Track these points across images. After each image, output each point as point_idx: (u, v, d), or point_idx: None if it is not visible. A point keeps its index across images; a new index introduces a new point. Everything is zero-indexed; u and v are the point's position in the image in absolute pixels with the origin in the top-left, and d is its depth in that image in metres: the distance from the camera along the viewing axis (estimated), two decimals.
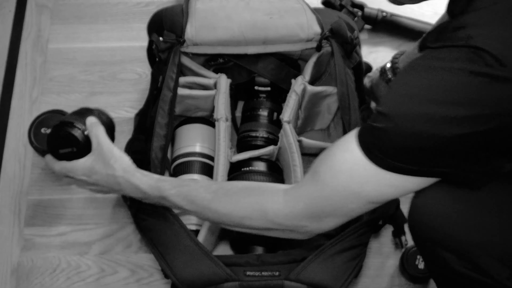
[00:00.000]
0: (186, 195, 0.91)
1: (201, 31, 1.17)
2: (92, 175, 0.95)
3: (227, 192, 0.90)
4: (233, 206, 0.88)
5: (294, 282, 0.99)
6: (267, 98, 1.24)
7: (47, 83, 1.38)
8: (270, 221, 0.85)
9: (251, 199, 0.87)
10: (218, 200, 0.89)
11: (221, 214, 0.89)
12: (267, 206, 0.85)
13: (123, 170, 0.94)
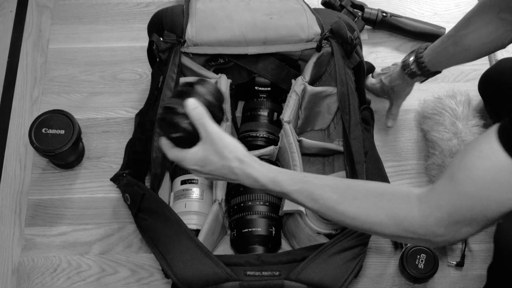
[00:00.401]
0: (310, 193, 0.84)
1: (202, 32, 1.17)
2: (205, 166, 0.86)
3: (356, 194, 0.83)
4: (362, 210, 0.81)
5: (294, 282, 0.99)
6: (267, 98, 1.24)
7: (48, 83, 1.39)
8: (403, 230, 0.79)
9: (384, 205, 0.80)
10: (346, 203, 0.82)
11: (349, 217, 0.82)
12: (401, 214, 0.79)
13: (239, 160, 0.85)
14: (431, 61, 1.14)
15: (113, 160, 1.30)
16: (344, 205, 0.82)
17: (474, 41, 1.06)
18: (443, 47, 1.11)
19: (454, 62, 1.14)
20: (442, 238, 0.78)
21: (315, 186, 0.84)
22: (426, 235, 0.79)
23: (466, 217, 0.75)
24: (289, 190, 0.84)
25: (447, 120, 1.24)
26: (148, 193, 1.07)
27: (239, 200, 1.12)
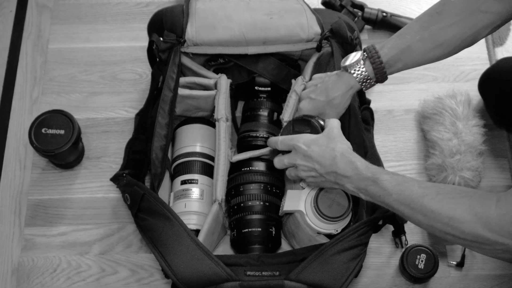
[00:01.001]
0: (399, 183, 0.88)
1: (202, 31, 1.17)
2: (311, 145, 0.96)
3: (440, 190, 0.85)
4: (443, 204, 0.83)
5: (294, 282, 0.99)
6: (267, 98, 1.24)
7: (48, 83, 1.39)
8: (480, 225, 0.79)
9: (465, 201, 0.82)
10: (429, 197, 0.84)
11: (429, 211, 0.84)
12: (480, 209, 0.79)
13: (343, 149, 0.95)
14: (391, 61, 1.01)
15: (113, 160, 1.30)
16: (426, 198, 0.84)
17: (451, 36, 0.98)
18: (407, 44, 0.99)
19: (422, 61, 1.03)
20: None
21: (405, 179, 0.89)
22: (502, 235, 0.77)
23: None
24: (381, 177, 0.89)
25: (447, 120, 1.24)
26: (148, 193, 1.07)
27: (239, 200, 1.12)
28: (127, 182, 1.11)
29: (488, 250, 0.82)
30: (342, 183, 0.95)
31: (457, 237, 0.83)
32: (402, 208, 0.88)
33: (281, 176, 1.19)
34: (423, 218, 0.85)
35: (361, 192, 0.94)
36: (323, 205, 1.05)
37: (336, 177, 0.95)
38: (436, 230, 0.86)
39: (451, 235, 0.84)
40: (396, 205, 0.89)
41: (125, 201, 1.11)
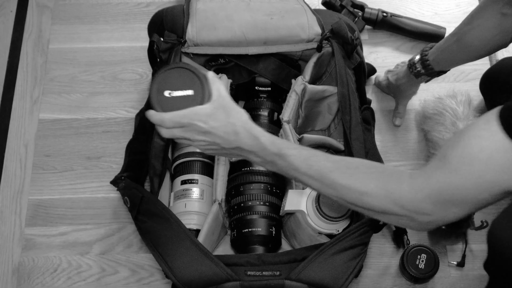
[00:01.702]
0: (306, 158, 0.86)
1: (202, 32, 1.17)
2: (209, 121, 0.87)
3: (349, 164, 0.86)
4: (354, 179, 0.83)
5: (295, 282, 0.99)
6: (267, 98, 1.24)
7: (48, 83, 1.39)
8: (392, 202, 0.80)
9: (375, 176, 0.82)
10: (339, 171, 0.84)
11: (340, 185, 0.83)
12: (391, 186, 0.80)
13: (243, 121, 0.88)
14: (436, 59, 1.15)
15: (113, 160, 1.30)
16: (336, 173, 0.83)
17: (476, 38, 1.05)
18: (447, 45, 1.12)
19: (457, 61, 1.15)
20: (429, 217, 0.79)
21: (311, 152, 0.88)
22: (414, 212, 0.79)
23: (455, 196, 0.76)
24: (287, 152, 0.86)
25: (448, 120, 1.24)
26: (147, 196, 1.06)
27: (239, 200, 1.12)
28: (126, 185, 1.11)
29: (393, 221, 0.86)
30: (247, 156, 0.91)
31: (366, 209, 0.84)
32: (311, 182, 0.87)
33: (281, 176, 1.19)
34: (333, 191, 0.85)
35: (268, 166, 0.91)
36: (325, 205, 1.05)
37: (241, 151, 0.90)
38: (345, 202, 0.86)
39: (360, 208, 0.85)
40: (305, 179, 0.87)
41: (125, 204, 1.11)
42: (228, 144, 0.88)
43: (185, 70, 0.90)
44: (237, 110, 0.89)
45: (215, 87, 0.89)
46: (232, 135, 0.87)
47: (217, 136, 0.87)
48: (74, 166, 1.30)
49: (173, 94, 0.89)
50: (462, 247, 1.21)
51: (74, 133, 1.33)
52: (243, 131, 0.87)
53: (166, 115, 0.87)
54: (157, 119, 0.88)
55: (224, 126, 0.87)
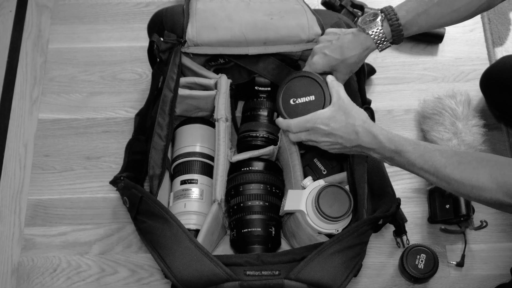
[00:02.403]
0: (422, 154, 0.91)
1: (202, 32, 1.17)
2: (330, 124, 0.97)
3: (462, 159, 0.89)
4: (466, 174, 0.86)
5: (294, 281, 0.99)
6: (267, 98, 1.24)
7: (48, 83, 1.39)
8: (504, 194, 0.82)
9: (487, 170, 0.85)
10: (452, 166, 0.88)
11: (454, 180, 0.88)
12: (503, 178, 0.82)
13: (363, 120, 0.96)
14: (408, 24, 1.01)
15: (113, 160, 1.30)
16: (450, 168, 0.88)
17: (468, 1, 0.99)
18: (424, 8, 1.00)
19: (437, 25, 1.03)
20: None
21: (427, 149, 0.92)
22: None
23: None
24: (404, 149, 0.93)
25: (447, 120, 1.24)
26: (146, 196, 1.06)
27: (239, 200, 1.12)
28: (125, 185, 1.11)
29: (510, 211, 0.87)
30: (369, 153, 0.99)
31: (482, 201, 0.87)
32: (427, 176, 0.92)
33: (281, 176, 1.19)
34: (448, 185, 0.90)
35: (387, 161, 0.98)
36: (325, 205, 1.05)
37: (362, 148, 0.98)
38: (462, 195, 0.91)
39: (477, 200, 0.88)
40: (422, 173, 0.93)
41: (124, 204, 1.11)
42: (349, 143, 0.97)
43: (306, 78, 1.03)
44: (356, 111, 0.97)
45: (334, 90, 1.00)
46: (352, 135, 0.96)
47: (338, 136, 0.97)
48: (73, 166, 1.30)
49: (297, 101, 1.04)
50: (462, 247, 1.21)
51: (73, 133, 1.33)
52: (362, 130, 0.95)
53: (292, 122, 1.01)
54: (284, 126, 1.02)
55: (344, 127, 0.96)
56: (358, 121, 0.96)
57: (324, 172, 1.20)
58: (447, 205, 1.19)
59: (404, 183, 1.28)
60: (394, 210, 1.06)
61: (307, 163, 1.21)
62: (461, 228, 1.21)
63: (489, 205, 0.88)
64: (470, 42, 1.43)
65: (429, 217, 1.23)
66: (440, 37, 1.41)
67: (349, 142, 0.97)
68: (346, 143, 0.98)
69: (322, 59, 1.07)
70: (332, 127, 0.97)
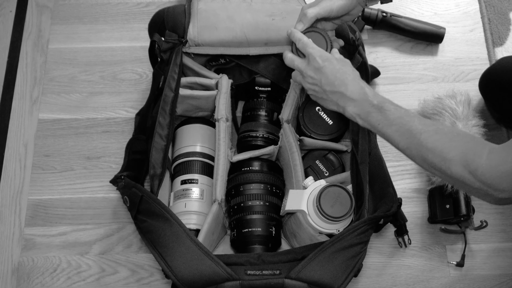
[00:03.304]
0: (402, 115, 0.91)
1: (204, 32, 1.17)
2: (326, 61, 0.98)
3: (438, 130, 0.88)
4: (440, 144, 0.86)
5: (295, 281, 0.99)
6: (267, 98, 1.24)
7: (48, 83, 1.39)
8: (469, 173, 0.82)
9: (460, 144, 0.84)
10: (427, 134, 0.87)
11: (424, 147, 0.87)
12: (471, 157, 0.82)
13: (355, 75, 0.97)
14: None
15: (113, 160, 1.30)
16: (425, 135, 0.87)
17: None
18: None
19: None
20: (503, 194, 0.80)
21: (407, 112, 0.91)
22: (487, 186, 0.80)
23: None
24: (385, 106, 0.92)
25: (447, 120, 1.24)
26: (146, 195, 1.06)
27: (239, 200, 1.12)
28: (126, 184, 1.11)
29: (471, 192, 0.86)
30: (344, 105, 0.96)
31: (445, 175, 0.86)
32: (398, 140, 0.91)
33: (281, 176, 1.19)
34: (418, 152, 0.89)
35: (360, 118, 0.95)
36: (326, 204, 1.05)
37: (340, 98, 0.96)
38: (426, 164, 0.89)
39: (439, 172, 0.87)
40: (393, 136, 0.92)
41: (125, 203, 1.11)
42: (331, 86, 0.96)
43: (317, 34, 1.04)
44: (353, 68, 0.99)
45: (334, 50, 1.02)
46: (339, 79, 0.96)
47: (325, 76, 0.97)
48: (73, 166, 1.30)
49: None
50: (462, 247, 1.21)
51: (73, 133, 1.33)
52: (352, 79, 0.96)
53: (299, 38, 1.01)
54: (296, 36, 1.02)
55: (336, 71, 0.96)
56: (351, 73, 0.97)
57: (326, 174, 1.20)
58: (447, 205, 1.19)
59: (404, 183, 1.28)
60: (395, 209, 1.06)
61: (308, 165, 1.21)
62: (461, 228, 1.21)
63: (453, 181, 0.87)
64: (470, 42, 1.43)
65: (429, 217, 1.23)
66: (440, 37, 1.41)
67: (331, 86, 0.96)
68: (327, 86, 0.97)
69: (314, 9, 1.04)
70: (326, 65, 0.97)
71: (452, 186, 1.18)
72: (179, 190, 1.16)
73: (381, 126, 0.93)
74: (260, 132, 1.21)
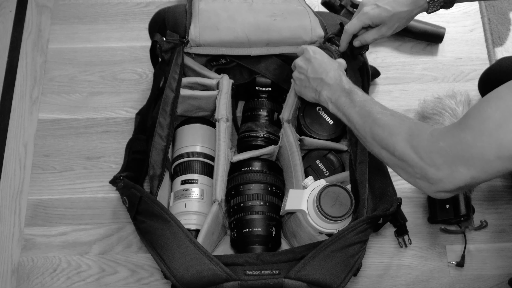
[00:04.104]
0: (365, 100, 0.97)
1: (205, 32, 1.17)
2: (316, 53, 1.09)
3: (395, 114, 0.93)
4: (392, 122, 0.90)
5: (294, 280, 0.99)
6: (267, 98, 1.24)
7: (48, 83, 1.38)
8: (411, 147, 0.85)
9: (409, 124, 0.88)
10: (383, 114, 0.92)
11: (376, 125, 0.91)
12: (416, 132, 0.85)
13: (340, 69, 1.07)
14: None
15: (113, 160, 1.30)
16: (381, 114, 0.93)
17: None
18: None
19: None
20: (438, 173, 0.81)
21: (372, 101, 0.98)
22: (425, 161, 0.82)
23: (464, 153, 0.78)
24: (355, 91, 1.00)
25: (447, 120, 1.24)
26: (145, 196, 1.06)
27: (239, 200, 1.12)
28: (125, 185, 1.10)
29: (410, 174, 0.88)
30: (321, 89, 1.06)
31: (390, 153, 0.89)
32: (357, 120, 0.96)
33: (281, 176, 1.19)
34: (369, 129, 0.93)
35: (331, 102, 1.03)
36: (326, 204, 1.05)
37: (319, 83, 1.06)
38: (375, 142, 0.92)
39: (386, 150, 0.90)
40: (354, 116, 0.97)
41: (124, 204, 1.11)
42: (314, 74, 1.07)
43: None
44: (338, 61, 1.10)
45: None
46: (322, 68, 1.06)
47: (312, 65, 1.08)
48: (73, 166, 1.30)
49: None
50: (462, 247, 1.21)
51: (73, 133, 1.33)
52: (334, 69, 1.05)
53: None
54: None
55: (323, 62, 1.07)
56: (336, 66, 1.07)
57: (326, 174, 1.20)
58: (447, 205, 1.19)
59: (404, 183, 1.27)
60: (395, 209, 1.06)
61: (309, 165, 1.21)
62: (461, 228, 1.21)
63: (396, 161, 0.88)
64: (470, 42, 1.43)
65: (429, 217, 1.23)
66: (440, 37, 1.41)
67: (315, 73, 1.07)
68: (311, 74, 1.07)
69: (373, 10, 1.10)
70: (315, 57, 1.08)
71: None
72: (179, 190, 1.16)
73: (346, 108, 0.99)
74: (260, 132, 1.21)
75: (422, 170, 0.84)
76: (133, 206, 1.07)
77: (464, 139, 0.78)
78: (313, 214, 1.07)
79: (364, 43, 1.15)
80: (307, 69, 1.08)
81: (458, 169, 0.80)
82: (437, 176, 0.82)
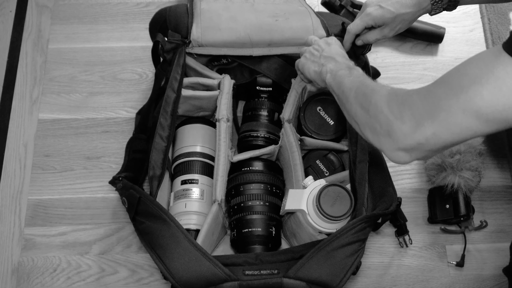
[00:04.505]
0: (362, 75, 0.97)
1: (207, 32, 1.17)
2: (336, 43, 1.11)
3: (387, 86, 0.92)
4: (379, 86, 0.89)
5: (293, 280, 0.99)
6: (268, 98, 1.24)
7: (48, 83, 1.39)
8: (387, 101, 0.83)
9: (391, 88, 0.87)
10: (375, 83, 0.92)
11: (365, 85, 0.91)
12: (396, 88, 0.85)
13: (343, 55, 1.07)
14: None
15: (113, 160, 1.30)
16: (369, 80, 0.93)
17: None
18: None
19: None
20: (403, 127, 0.79)
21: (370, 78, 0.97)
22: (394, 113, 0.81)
23: (433, 105, 0.77)
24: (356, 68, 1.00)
25: None
26: (144, 196, 1.06)
27: (239, 200, 1.12)
28: (124, 185, 1.10)
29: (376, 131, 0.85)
30: (326, 62, 1.05)
31: (365, 110, 0.87)
32: (346, 84, 0.95)
33: (281, 176, 1.19)
34: (355, 89, 0.92)
35: (331, 74, 1.02)
36: (326, 204, 1.05)
37: (329, 60, 1.06)
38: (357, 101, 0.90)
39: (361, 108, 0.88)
40: (345, 82, 0.96)
41: (123, 204, 1.11)
42: (328, 53, 1.07)
43: None
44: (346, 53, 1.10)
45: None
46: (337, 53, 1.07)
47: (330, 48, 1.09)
48: (73, 166, 1.30)
49: None
50: (462, 247, 1.21)
51: (73, 133, 1.33)
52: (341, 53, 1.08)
53: None
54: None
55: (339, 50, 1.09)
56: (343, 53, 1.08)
57: (326, 174, 1.20)
58: (447, 205, 1.19)
59: (404, 183, 1.28)
60: (394, 208, 1.06)
61: (309, 165, 1.21)
62: (461, 228, 1.21)
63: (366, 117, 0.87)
64: (470, 42, 1.43)
65: (429, 217, 1.23)
66: (440, 37, 1.41)
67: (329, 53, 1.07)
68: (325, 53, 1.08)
69: (377, 11, 1.10)
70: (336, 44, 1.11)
71: (452, 186, 1.18)
72: (179, 190, 1.16)
73: (342, 77, 0.98)
74: (260, 132, 1.21)
75: (388, 124, 0.82)
76: (132, 207, 1.07)
77: (436, 93, 0.77)
78: (313, 214, 1.07)
79: (366, 43, 1.16)
80: (324, 49, 1.09)
81: (423, 123, 0.78)
82: (401, 129, 0.80)
